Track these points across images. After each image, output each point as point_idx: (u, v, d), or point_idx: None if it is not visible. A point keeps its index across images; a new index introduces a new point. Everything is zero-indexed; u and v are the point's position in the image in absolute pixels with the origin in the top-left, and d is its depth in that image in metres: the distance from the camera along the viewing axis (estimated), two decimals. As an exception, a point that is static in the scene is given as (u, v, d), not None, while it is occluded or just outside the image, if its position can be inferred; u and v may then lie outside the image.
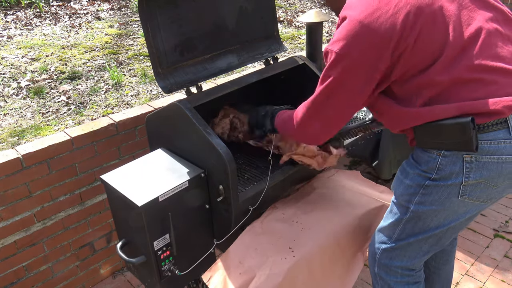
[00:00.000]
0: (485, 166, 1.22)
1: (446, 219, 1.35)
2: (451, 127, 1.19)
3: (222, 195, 1.57)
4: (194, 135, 1.55)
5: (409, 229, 1.42)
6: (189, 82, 1.70)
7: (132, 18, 4.13)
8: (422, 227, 1.39)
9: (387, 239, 1.50)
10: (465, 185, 1.26)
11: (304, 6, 4.79)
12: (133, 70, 3.13)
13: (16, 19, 3.92)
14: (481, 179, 1.24)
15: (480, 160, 1.22)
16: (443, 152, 1.25)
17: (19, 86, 2.84)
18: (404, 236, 1.44)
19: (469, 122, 1.15)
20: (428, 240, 1.42)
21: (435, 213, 1.34)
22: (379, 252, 1.53)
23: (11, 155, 1.82)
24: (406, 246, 1.46)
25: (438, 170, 1.27)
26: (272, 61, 1.98)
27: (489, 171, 1.23)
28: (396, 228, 1.45)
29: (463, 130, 1.17)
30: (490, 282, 2.27)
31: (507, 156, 1.21)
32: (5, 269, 1.94)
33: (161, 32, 1.59)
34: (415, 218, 1.39)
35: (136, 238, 1.61)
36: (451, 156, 1.24)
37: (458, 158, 1.23)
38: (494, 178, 1.24)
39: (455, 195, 1.28)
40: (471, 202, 1.30)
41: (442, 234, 1.40)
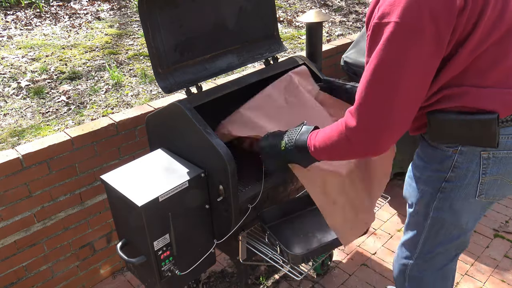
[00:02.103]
0: (502, 161, 1.18)
1: (467, 224, 1.32)
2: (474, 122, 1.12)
3: (222, 195, 1.57)
4: (194, 135, 1.55)
5: (432, 239, 1.37)
6: (189, 82, 1.70)
7: (132, 18, 4.13)
8: (444, 236, 1.35)
9: (412, 254, 1.45)
10: (482, 183, 1.21)
11: (304, 6, 4.80)
12: (133, 70, 3.13)
13: (16, 19, 3.92)
14: (497, 174, 1.20)
15: (498, 156, 1.17)
16: (460, 148, 1.19)
17: (19, 86, 2.85)
18: (428, 248, 1.40)
19: (495, 119, 1.10)
20: (453, 247, 1.39)
21: (455, 218, 1.30)
22: (408, 267, 1.48)
23: (11, 155, 1.82)
24: (434, 256, 1.42)
25: (454, 168, 1.22)
26: (272, 61, 1.99)
27: (506, 165, 1.19)
28: (419, 239, 1.40)
29: (488, 127, 1.10)
30: (490, 282, 2.27)
31: None
32: (5, 269, 1.94)
33: (161, 32, 1.59)
34: (436, 226, 1.34)
35: (136, 238, 1.61)
36: (468, 153, 1.18)
37: (475, 155, 1.18)
38: (510, 173, 1.20)
39: (472, 195, 1.24)
40: (486, 201, 1.27)
41: (465, 237, 1.38)
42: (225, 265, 2.41)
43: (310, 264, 2.30)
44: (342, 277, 2.32)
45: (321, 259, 2.21)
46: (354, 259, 2.44)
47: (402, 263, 1.50)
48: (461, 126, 1.14)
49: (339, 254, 2.47)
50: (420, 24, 1.00)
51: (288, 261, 1.67)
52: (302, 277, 1.97)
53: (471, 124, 1.13)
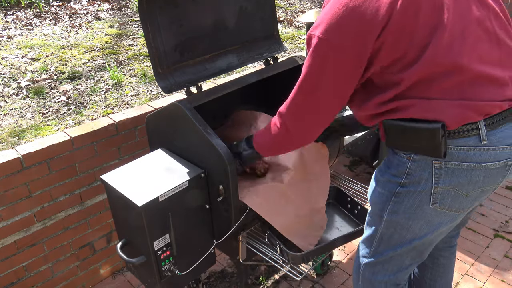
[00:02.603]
0: (454, 172, 1.19)
1: (421, 230, 1.31)
2: (421, 131, 1.15)
3: (222, 195, 1.57)
4: (194, 135, 1.55)
5: (385, 241, 1.39)
6: (189, 82, 1.70)
7: (132, 18, 4.13)
8: (399, 239, 1.36)
9: (367, 253, 1.46)
10: (435, 192, 1.22)
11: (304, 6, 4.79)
12: (133, 70, 3.13)
13: (16, 19, 3.92)
14: (450, 185, 1.21)
15: (450, 167, 1.18)
16: (413, 156, 1.21)
17: (19, 86, 2.84)
18: (382, 250, 1.41)
19: (439, 129, 1.11)
20: (408, 254, 1.39)
21: (409, 223, 1.30)
22: (362, 266, 1.49)
23: (11, 155, 1.82)
24: (387, 260, 1.42)
25: (407, 174, 1.24)
26: (272, 61, 1.98)
27: (458, 178, 1.19)
28: (373, 240, 1.42)
29: (433, 136, 1.13)
30: (490, 282, 2.27)
31: (476, 163, 1.17)
32: (5, 269, 1.94)
33: (161, 32, 1.59)
34: (390, 229, 1.35)
35: (136, 238, 1.61)
36: (420, 161, 1.21)
37: (427, 164, 1.20)
38: (464, 185, 1.21)
39: (426, 203, 1.25)
40: (443, 211, 1.26)
41: (420, 246, 1.37)
42: (225, 265, 2.41)
43: (310, 264, 2.30)
44: (342, 277, 2.32)
45: (321, 259, 2.21)
46: (354, 259, 2.44)
47: (358, 261, 1.51)
48: (410, 134, 1.18)
49: (339, 254, 2.47)
50: (339, 41, 1.13)
51: (288, 261, 1.67)
52: (302, 277, 1.97)
53: (418, 132, 1.16)
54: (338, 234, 1.88)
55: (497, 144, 1.16)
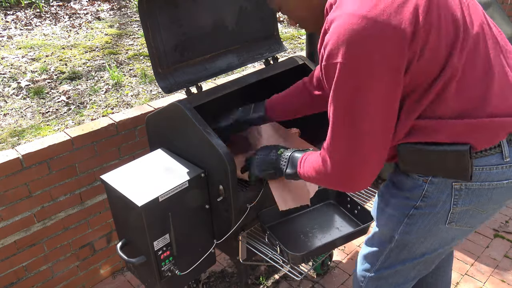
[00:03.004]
0: (475, 193, 1.13)
1: (432, 245, 1.27)
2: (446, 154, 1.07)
3: (222, 195, 1.57)
4: (194, 135, 1.55)
5: (394, 257, 1.33)
6: (189, 82, 1.70)
7: (132, 18, 4.13)
8: (408, 255, 1.31)
9: (371, 267, 1.40)
10: (453, 212, 1.17)
11: (304, 6, 4.79)
12: (133, 70, 3.13)
13: (16, 19, 3.92)
14: (470, 205, 1.15)
15: (470, 188, 1.12)
16: (430, 178, 1.14)
17: (19, 86, 2.85)
18: (388, 264, 1.35)
19: (467, 151, 1.05)
20: (415, 267, 1.34)
21: (422, 240, 1.26)
22: (365, 280, 1.43)
23: (11, 155, 1.82)
24: (392, 274, 1.37)
25: (424, 197, 1.17)
26: (272, 61, 1.98)
27: (479, 197, 1.14)
28: (379, 256, 1.36)
29: (459, 159, 1.06)
30: (490, 283, 2.27)
31: (498, 182, 1.12)
32: (5, 269, 1.94)
33: (161, 32, 1.59)
34: (400, 247, 1.29)
35: (136, 238, 1.61)
36: (439, 183, 1.13)
37: (446, 186, 1.13)
38: (484, 204, 1.16)
39: (442, 222, 1.19)
40: (459, 228, 1.22)
41: (429, 260, 1.32)
42: (225, 265, 2.41)
43: (310, 264, 2.30)
44: (342, 277, 2.32)
45: (321, 259, 2.21)
46: (354, 259, 2.44)
47: (360, 274, 1.45)
48: (431, 157, 1.11)
49: (339, 254, 2.47)
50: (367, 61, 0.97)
51: (288, 261, 1.67)
52: (302, 277, 1.97)
53: (443, 156, 1.09)
54: (338, 234, 1.88)
55: None
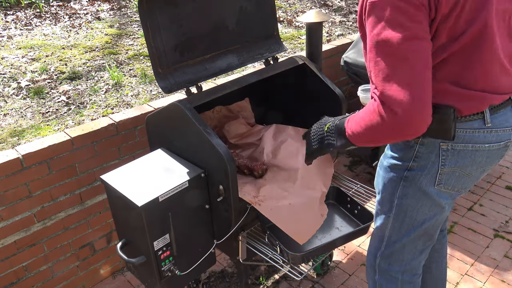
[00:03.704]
0: (460, 154, 1.25)
1: (430, 210, 1.38)
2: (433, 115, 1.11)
3: (222, 195, 1.57)
4: (194, 135, 1.55)
5: (397, 229, 1.43)
6: (189, 82, 1.70)
7: (132, 18, 4.13)
8: (410, 223, 1.41)
9: (381, 243, 1.50)
10: (441, 173, 1.28)
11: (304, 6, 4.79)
12: (133, 70, 3.13)
13: (16, 19, 3.91)
14: (456, 166, 1.27)
15: (456, 148, 1.25)
16: (421, 139, 1.26)
17: (19, 86, 2.84)
18: (395, 237, 1.45)
19: (451, 113, 1.17)
20: (420, 238, 1.44)
21: (419, 205, 1.36)
22: (378, 258, 1.53)
23: (11, 155, 1.82)
24: (401, 248, 1.47)
25: (415, 157, 1.29)
26: (272, 61, 1.98)
27: (463, 159, 1.26)
28: (385, 228, 1.46)
29: (444, 120, 1.18)
30: (490, 283, 2.27)
31: (480, 144, 1.24)
32: (5, 269, 1.94)
33: (161, 32, 1.59)
34: (401, 214, 1.40)
35: (136, 238, 1.61)
36: (428, 144, 1.26)
37: (435, 146, 1.26)
38: (468, 166, 1.28)
39: (431, 184, 1.31)
40: (446, 191, 1.33)
41: (430, 228, 1.43)
42: (225, 265, 2.41)
43: (310, 264, 2.30)
44: (342, 277, 2.32)
45: (321, 259, 2.21)
46: (354, 259, 2.44)
47: (373, 254, 1.55)
48: None
49: (339, 254, 2.47)
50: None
51: (288, 261, 1.67)
52: (302, 277, 1.97)
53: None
54: (338, 234, 1.88)
55: (499, 126, 1.24)
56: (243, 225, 1.76)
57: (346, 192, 2.00)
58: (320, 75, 1.93)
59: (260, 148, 1.91)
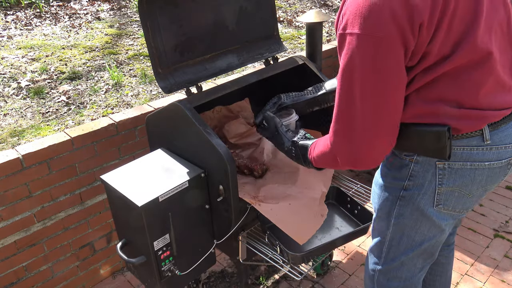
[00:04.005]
0: (458, 172, 1.19)
1: (429, 232, 1.31)
2: (426, 134, 1.14)
3: (222, 195, 1.57)
4: (194, 135, 1.55)
5: (395, 247, 1.37)
6: (189, 82, 1.70)
7: (132, 18, 4.13)
8: (408, 242, 1.35)
9: (378, 260, 1.45)
10: (438, 193, 1.22)
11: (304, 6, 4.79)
12: (133, 70, 3.13)
13: (16, 19, 3.92)
14: (454, 186, 1.21)
15: (453, 167, 1.18)
16: (415, 157, 1.21)
17: (19, 86, 2.85)
18: (393, 256, 1.40)
19: (445, 132, 1.11)
20: (419, 256, 1.38)
21: (417, 225, 1.30)
22: (376, 274, 1.48)
23: (11, 155, 1.82)
24: (399, 266, 1.41)
25: (411, 176, 1.23)
26: (272, 61, 1.98)
27: (462, 178, 1.19)
28: (383, 246, 1.41)
29: (438, 139, 1.12)
30: (490, 283, 2.27)
31: (479, 163, 1.18)
32: (5, 269, 1.94)
33: (161, 32, 1.59)
34: (399, 233, 1.34)
35: (136, 238, 1.61)
36: (423, 162, 1.20)
37: (430, 165, 1.20)
38: (467, 185, 1.21)
39: (430, 204, 1.24)
40: (447, 212, 1.26)
41: (429, 248, 1.36)
42: (225, 265, 2.41)
43: (310, 264, 2.30)
44: (342, 277, 2.32)
45: (321, 259, 2.21)
46: (354, 259, 2.44)
47: (371, 268, 1.49)
48: (414, 137, 1.16)
49: (339, 254, 2.47)
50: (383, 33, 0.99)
51: (288, 261, 1.67)
52: (302, 277, 1.97)
53: (423, 135, 1.14)
54: (338, 234, 1.88)
55: (499, 143, 1.17)
56: (243, 225, 1.76)
57: (346, 192, 2.00)
58: (320, 75, 1.93)
59: (260, 148, 1.91)
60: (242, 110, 2.11)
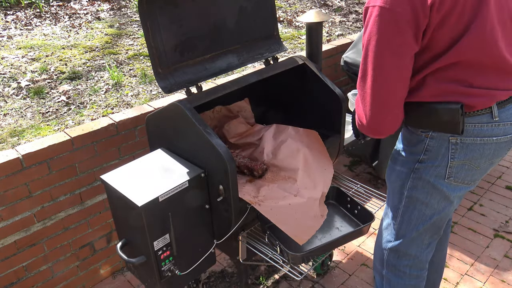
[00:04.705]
0: (469, 147, 1.31)
1: (439, 205, 1.43)
2: (441, 111, 1.26)
3: (222, 195, 1.57)
4: (194, 135, 1.56)
5: (407, 221, 1.48)
6: (189, 82, 1.70)
7: (132, 18, 4.13)
8: (419, 217, 1.46)
9: (391, 236, 1.55)
10: (450, 166, 1.34)
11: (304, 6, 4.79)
12: (133, 70, 3.13)
13: (16, 19, 3.92)
14: (465, 159, 1.33)
15: (465, 142, 1.30)
16: (431, 133, 1.33)
17: (19, 86, 2.84)
18: (404, 231, 1.51)
19: (458, 109, 1.23)
20: (428, 231, 1.49)
21: (428, 198, 1.42)
22: (386, 252, 1.58)
23: (11, 155, 1.82)
24: (409, 242, 1.51)
25: (426, 151, 1.36)
26: (272, 61, 1.98)
27: (472, 151, 1.32)
28: (395, 221, 1.51)
29: (452, 116, 1.24)
30: (490, 283, 2.27)
31: (488, 138, 1.30)
32: (5, 269, 1.94)
33: (161, 32, 1.59)
34: (411, 206, 1.46)
35: (136, 238, 1.61)
36: (438, 138, 1.33)
37: (444, 140, 1.32)
38: (477, 158, 1.33)
39: (442, 177, 1.37)
40: (457, 184, 1.38)
41: (438, 222, 1.48)
42: (225, 265, 2.41)
43: (310, 264, 2.30)
44: (342, 277, 2.32)
45: (321, 259, 2.22)
46: (354, 259, 2.44)
47: (381, 247, 1.59)
48: (431, 114, 1.29)
49: (339, 254, 2.47)
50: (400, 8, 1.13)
51: (288, 261, 1.67)
52: (302, 277, 1.97)
53: (439, 112, 1.27)
54: (338, 234, 1.88)
55: (506, 120, 1.30)
56: (243, 225, 1.76)
57: (346, 192, 2.00)
58: (320, 75, 1.93)
59: (260, 148, 1.91)
60: (242, 110, 2.11)
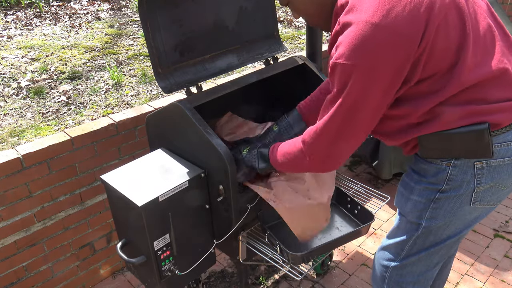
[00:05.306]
0: (496, 169, 1.20)
1: (457, 228, 1.33)
2: (467, 134, 1.14)
3: (222, 195, 1.57)
4: (194, 135, 1.55)
5: (419, 244, 1.38)
6: (189, 82, 1.70)
7: (132, 18, 4.13)
8: (434, 240, 1.36)
9: (395, 257, 1.45)
10: (477, 192, 1.23)
11: (304, 6, 4.79)
12: (133, 70, 3.13)
13: (16, 19, 3.92)
14: (492, 183, 1.22)
15: (491, 165, 1.19)
16: (453, 161, 1.20)
17: (19, 86, 2.85)
18: (414, 252, 1.40)
19: (486, 129, 1.12)
20: (438, 252, 1.39)
21: (447, 225, 1.31)
22: (389, 270, 1.47)
23: (11, 155, 1.82)
24: (416, 261, 1.42)
25: (448, 181, 1.23)
26: (272, 61, 1.98)
27: (500, 173, 1.21)
28: (405, 245, 1.41)
29: (481, 138, 1.13)
30: (490, 283, 2.27)
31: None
32: (5, 269, 1.94)
33: (161, 32, 1.59)
34: (427, 233, 1.35)
35: (136, 238, 1.61)
36: (461, 165, 1.20)
37: (468, 167, 1.20)
38: (504, 180, 1.23)
39: (467, 203, 1.26)
40: (482, 207, 1.28)
41: (451, 243, 1.37)
42: (225, 265, 2.41)
43: (310, 264, 2.30)
44: (342, 277, 2.32)
45: (321, 259, 2.21)
46: (354, 259, 2.44)
47: (384, 264, 1.49)
48: (455, 141, 1.17)
49: (339, 254, 2.47)
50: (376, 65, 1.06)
51: (288, 261, 1.67)
52: (302, 277, 1.97)
53: (464, 137, 1.15)
54: (338, 234, 1.88)
55: None
56: (243, 225, 1.76)
57: (346, 192, 2.00)
58: (320, 75, 1.93)
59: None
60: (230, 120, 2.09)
